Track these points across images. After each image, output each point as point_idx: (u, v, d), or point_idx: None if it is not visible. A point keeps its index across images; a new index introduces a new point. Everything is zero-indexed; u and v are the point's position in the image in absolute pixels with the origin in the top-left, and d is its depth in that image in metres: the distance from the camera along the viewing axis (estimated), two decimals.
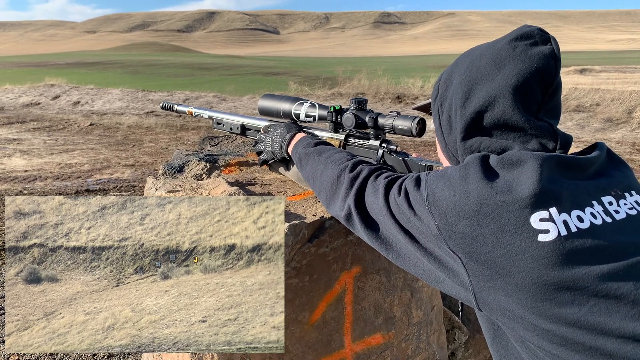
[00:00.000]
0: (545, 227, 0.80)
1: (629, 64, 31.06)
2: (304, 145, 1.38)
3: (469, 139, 0.98)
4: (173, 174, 1.81)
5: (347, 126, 1.47)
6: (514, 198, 0.82)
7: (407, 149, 8.05)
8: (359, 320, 1.57)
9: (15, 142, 9.20)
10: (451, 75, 1.04)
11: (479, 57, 0.98)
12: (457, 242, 0.86)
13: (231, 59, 66.51)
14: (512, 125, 0.93)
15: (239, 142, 2.29)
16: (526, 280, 0.79)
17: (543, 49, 0.92)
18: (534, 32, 0.95)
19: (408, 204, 0.95)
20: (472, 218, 0.84)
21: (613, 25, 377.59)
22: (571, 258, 0.78)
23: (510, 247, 0.81)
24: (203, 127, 11.14)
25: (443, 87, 1.06)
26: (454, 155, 1.04)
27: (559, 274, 0.78)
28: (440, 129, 1.06)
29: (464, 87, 0.98)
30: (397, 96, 14.55)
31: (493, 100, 0.93)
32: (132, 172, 7.00)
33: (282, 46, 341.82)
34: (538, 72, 0.91)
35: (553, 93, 0.94)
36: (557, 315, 0.78)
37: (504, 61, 0.93)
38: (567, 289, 0.78)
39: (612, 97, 12.57)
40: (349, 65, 21.97)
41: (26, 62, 52.76)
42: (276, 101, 1.64)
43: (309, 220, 1.40)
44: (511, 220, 0.81)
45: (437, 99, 1.07)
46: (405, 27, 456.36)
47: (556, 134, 0.94)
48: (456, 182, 0.89)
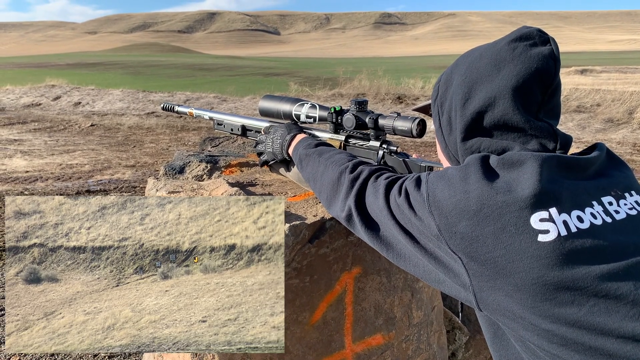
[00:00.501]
0: (545, 227, 0.80)
1: (629, 65, 31.04)
2: (305, 146, 1.38)
3: (469, 140, 0.98)
4: (174, 175, 1.81)
5: (348, 127, 1.47)
6: (514, 198, 0.83)
7: (407, 149, 8.05)
8: (359, 321, 1.57)
9: (16, 143, 9.21)
10: (451, 76, 1.05)
11: (479, 58, 0.98)
12: (457, 242, 0.86)
13: (232, 60, 66.56)
14: (512, 125, 0.93)
15: (239, 143, 2.29)
16: (526, 280, 0.79)
17: (542, 49, 0.93)
18: (533, 33, 0.95)
19: (408, 204, 0.95)
20: (473, 218, 0.84)
21: (614, 26, 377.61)
22: (571, 258, 0.79)
23: (510, 247, 0.81)
24: (204, 127, 11.14)
25: (443, 88, 1.06)
26: (454, 156, 1.04)
27: (558, 274, 0.78)
28: (441, 130, 1.06)
29: (463, 88, 0.98)
30: (397, 97, 14.56)
31: (493, 101, 0.93)
32: (132, 173, 7.00)
33: (283, 47, 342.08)
34: (537, 73, 0.91)
35: (552, 93, 0.94)
36: (557, 315, 0.78)
37: (504, 62, 0.94)
38: (567, 289, 0.78)
39: (612, 98, 12.57)
40: (350, 66, 21.99)
41: (27, 63, 52.82)
42: (277, 102, 1.64)
43: (309, 221, 1.40)
44: (511, 221, 0.82)
45: (437, 100, 1.08)
46: (406, 28, 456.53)
47: (556, 134, 0.94)
48: (456, 182, 0.89)
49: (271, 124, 1.71)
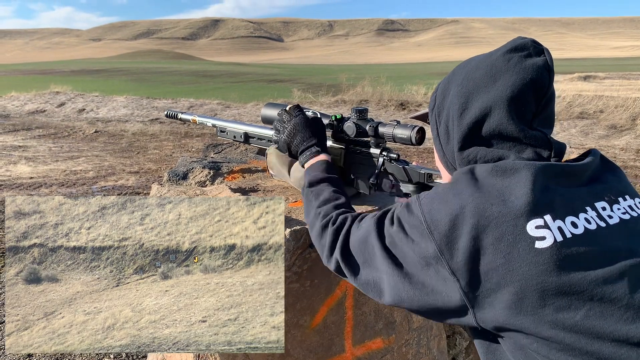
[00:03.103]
0: (541, 234, 0.82)
1: (633, 71, 31.04)
2: (311, 176, 1.31)
3: (466, 149, 0.99)
4: (177, 181, 1.82)
5: (349, 135, 1.48)
6: (509, 207, 0.84)
7: (410, 155, 8.05)
8: (359, 325, 1.57)
9: (21, 149, 9.25)
10: (448, 86, 1.06)
11: (475, 69, 1.00)
12: (458, 259, 0.86)
13: (235, 67, 66.84)
14: (507, 135, 0.95)
15: (242, 149, 2.31)
16: (526, 287, 0.80)
17: (537, 60, 0.95)
18: (527, 44, 0.97)
19: (404, 232, 0.95)
20: (472, 232, 0.85)
21: (617, 32, 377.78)
22: (567, 263, 0.80)
23: (509, 255, 0.82)
24: (207, 134, 11.18)
25: (440, 98, 1.07)
26: (452, 164, 1.06)
27: (556, 279, 0.79)
28: (438, 139, 1.08)
29: (460, 98, 1.00)
30: (400, 103, 14.57)
31: (489, 111, 0.95)
32: (136, 179, 7.03)
33: (286, 54, 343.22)
34: (532, 83, 0.93)
35: (546, 103, 0.97)
36: (556, 321, 0.79)
37: (499, 73, 0.95)
38: (564, 294, 0.79)
39: (616, 104, 12.55)
40: (353, 73, 22.04)
41: (32, 70, 53.15)
42: (278, 110, 1.65)
43: None
44: (508, 229, 0.83)
45: (434, 109, 1.09)
46: (409, 35, 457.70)
47: (550, 142, 0.96)
48: (450, 199, 0.90)
49: (300, 109, 1.49)
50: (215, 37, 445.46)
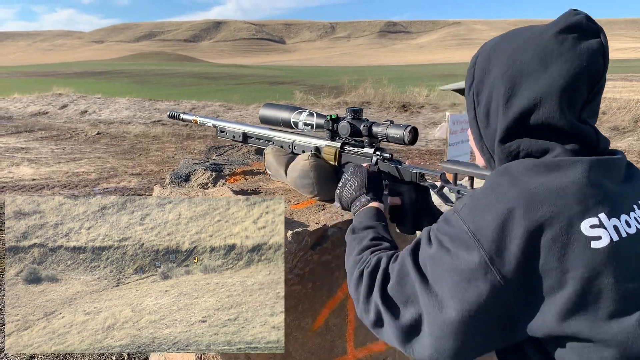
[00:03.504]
0: (597, 234, 0.77)
1: (635, 73, 30.98)
2: (356, 222, 1.22)
3: (510, 141, 0.92)
4: (179, 183, 1.83)
5: (343, 134, 1.50)
6: (561, 207, 0.79)
7: (412, 157, 8.05)
8: (361, 327, 1.57)
9: (23, 151, 9.28)
10: (489, 62, 0.96)
11: (522, 49, 0.91)
12: (510, 265, 0.79)
13: (237, 69, 66.94)
14: (555, 127, 0.88)
15: (244, 151, 2.31)
16: (582, 290, 0.76)
17: (592, 43, 0.86)
18: (582, 22, 0.88)
19: (445, 249, 0.87)
20: (523, 235, 0.79)
21: (619, 34, 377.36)
22: (623, 264, 0.77)
23: (564, 257, 0.77)
24: (209, 136, 11.19)
25: (479, 75, 0.98)
26: (489, 150, 0.99)
27: (613, 281, 0.76)
28: (476, 121, 0.99)
29: (506, 82, 0.91)
30: (402, 105, 14.58)
31: (539, 102, 0.87)
32: (138, 181, 7.04)
33: (288, 56, 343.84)
34: (587, 72, 0.86)
35: (597, 92, 0.90)
36: (611, 325, 0.76)
37: (551, 58, 0.87)
38: (621, 297, 0.76)
39: (618, 106, 12.53)
40: (355, 75, 22.04)
41: (34, 72, 53.30)
42: (276, 110, 1.69)
43: (311, 228, 1.41)
44: (562, 230, 0.78)
45: (472, 86, 0.99)
46: (410, 36, 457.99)
47: (597, 135, 0.90)
48: (494, 204, 0.83)
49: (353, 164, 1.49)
50: (218, 39, 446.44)
